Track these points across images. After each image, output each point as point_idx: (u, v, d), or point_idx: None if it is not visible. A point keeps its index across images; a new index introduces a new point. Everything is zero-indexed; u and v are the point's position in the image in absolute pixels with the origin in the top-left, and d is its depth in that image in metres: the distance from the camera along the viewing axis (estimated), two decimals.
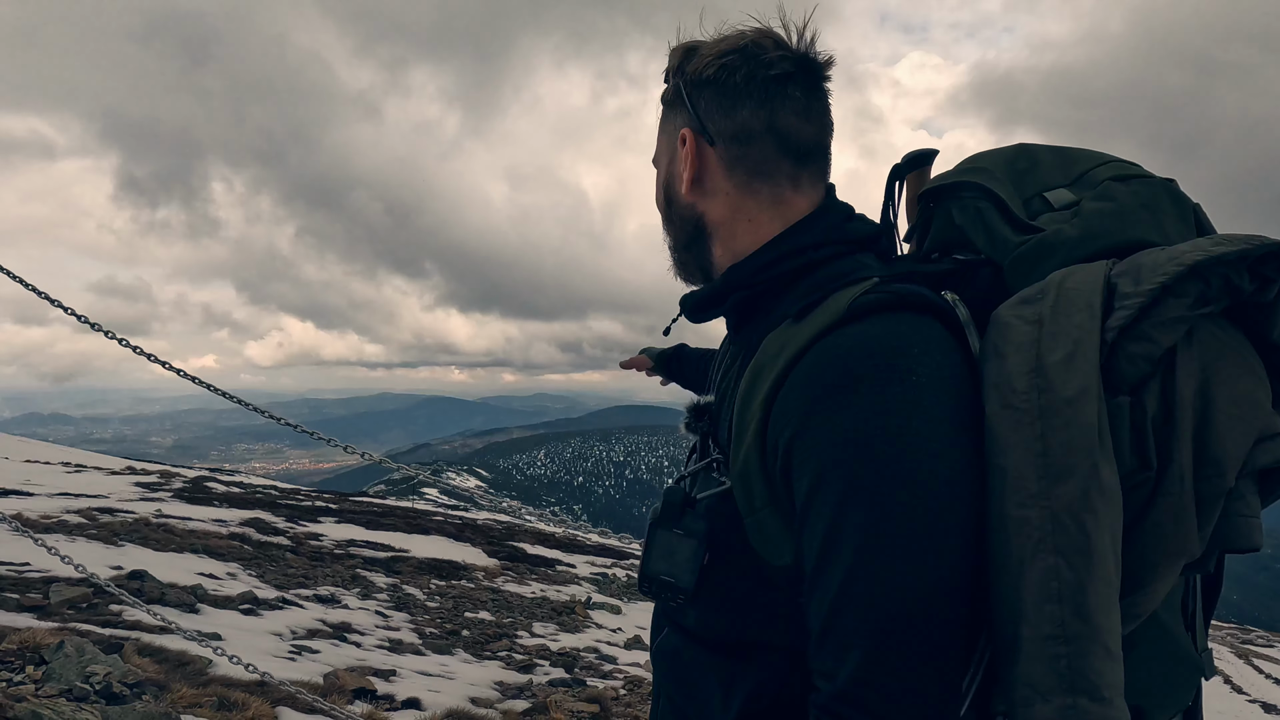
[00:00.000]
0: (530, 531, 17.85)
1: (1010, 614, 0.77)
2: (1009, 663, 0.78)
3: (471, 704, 5.54)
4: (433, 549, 13.26)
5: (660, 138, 1.10)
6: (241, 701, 4.22)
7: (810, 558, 0.82)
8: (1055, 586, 0.75)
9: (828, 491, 0.80)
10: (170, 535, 10.21)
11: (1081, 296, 0.81)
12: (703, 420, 1.02)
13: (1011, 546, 0.77)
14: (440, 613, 9.08)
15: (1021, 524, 0.76)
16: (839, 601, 0.78)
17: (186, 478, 18.09)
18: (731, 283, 1.01)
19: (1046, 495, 0.76)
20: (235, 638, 5.93)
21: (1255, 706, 13.30)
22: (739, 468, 0.90)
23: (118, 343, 2.88)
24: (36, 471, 16.46)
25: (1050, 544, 0.75)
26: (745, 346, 0.99)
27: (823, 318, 0.86)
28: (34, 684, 3.79)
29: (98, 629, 5.28)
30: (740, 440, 0.90)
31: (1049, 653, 0.75)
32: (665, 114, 1.09)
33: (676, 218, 1.08)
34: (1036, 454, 0.77)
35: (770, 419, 0.86)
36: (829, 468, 0.80)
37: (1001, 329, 0.84)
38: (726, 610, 0.95)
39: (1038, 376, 0.79)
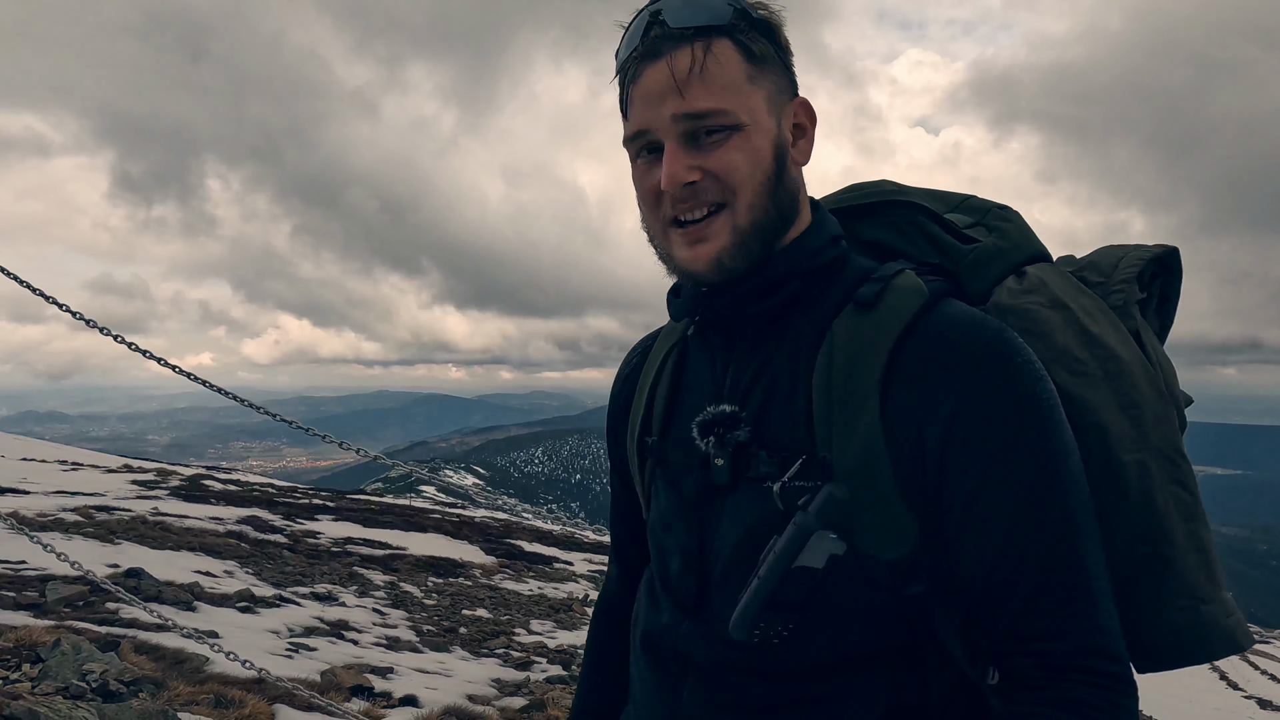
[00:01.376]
0: (528, 529, 17.86)
1: (1151, 541, 0.89)
2: (1160, 581, 0.90)
3: (469, 701, 5.54)
4: (430, 547, 13.25)
5: (750, 92, 0.91)
6: (239, 699, 4.22)
7: (1000, 521, 0.84)
8: (1185, 509, 0.90)
9: (1020, 453, 0.84)
10: (167, 533, 10.21)
11: (1071, 284, 0.97)
12: (737, 429, 0.93)
13: (1131, 486, 0.89)
14: (437, 610, 9.08)
15: (1138, 466, 0.89)
16: (1062, 560, 0.83)
17: (184, 476, 18.06)
18: (791, 267, 0.95)
19: (1147, 440, 0.90)
20: (232, 635, 5.92)
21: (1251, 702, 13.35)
22: (855, 459, 0.86)
23: (114, 340, 2.87)
24: (33, 470, 16.43)
25: (1169, 476, 0.90)
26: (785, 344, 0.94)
27: (907, 301, 0.90)
28: (30, 682, 3.79)
29: (94, 627, 5.27)
30: (851, 431, 0.86)
31: (1200, 561, 0.90)
32: (755, 67, 0.92)
33: (784, 192, 0.94)
34: (1125, 407, 0.90)
35: (895, 404, 0.86)
36: (1021, 429, 0.84)
37: (1022, 315, 0.94)
38: (826, 623, 0.88)
39: (1095, 346, 0.91)
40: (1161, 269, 1.04)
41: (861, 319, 0.90)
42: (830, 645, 0.89)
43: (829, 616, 0.88)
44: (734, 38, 0.90)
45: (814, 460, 0.88)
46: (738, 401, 0.96)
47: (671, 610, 1.01)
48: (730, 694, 0.94)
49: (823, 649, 0.89)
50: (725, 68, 0.89)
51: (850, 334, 0.90)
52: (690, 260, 0.93)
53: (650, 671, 1.04)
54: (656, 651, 1.03)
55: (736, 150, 0.90)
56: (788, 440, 0.91)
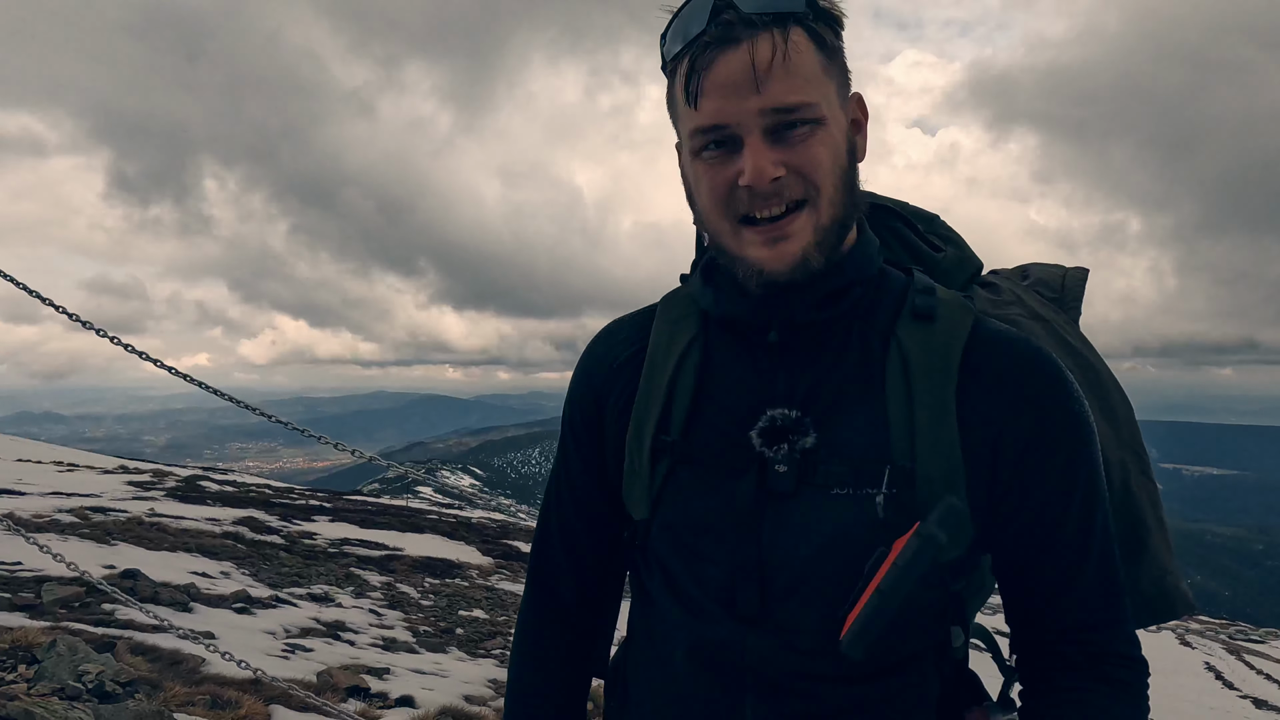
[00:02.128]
0: (525, 530, 17.84)
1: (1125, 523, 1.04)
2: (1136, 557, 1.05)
3: (465, 702, 5.54)
4: (427, 547, 13.24)
5: (824, 86, 0.87)
6: (235, 699, 4.21)
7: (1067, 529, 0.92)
8: (1152, 497, 1.07)
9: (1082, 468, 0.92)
10: (163, 534, 10.19)
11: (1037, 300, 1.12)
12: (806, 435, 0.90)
13: (1115, 480, 1.02)
14: (434, 611, 9.07)
15: (1120, 465, 1.04)
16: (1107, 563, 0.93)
17: (180, 476, 18.03)
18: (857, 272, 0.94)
19: (1122, 440, 1.05)
20: (229, 636, 5.91)
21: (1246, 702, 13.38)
22: (939, 465, 0.88)
23: (110, 341, 2.87)
24: (29, 471, 16.39)
25: (1139, 469, 1.06)
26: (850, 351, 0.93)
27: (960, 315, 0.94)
28: (26, 683, 3.78)
29: (90, 628, 5.26)
30: (936, 440, 0.88)
31: (1162, 539, 1.06)
32: (827, 61, 0.88)
33: (855, 187, 0.92)
34: (1105, 411, 1.04)
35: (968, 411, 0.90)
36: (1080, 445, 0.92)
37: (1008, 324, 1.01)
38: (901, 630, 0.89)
39: (1076, 357, 1.05)
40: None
41: (925, 330, 0.93)
42: (898, 647, 0.92)
43: (904, 620, 0.87)
44: (807, 26, 0.85)
45: (896, 469, 0.87)
46: (798, 406, 0.91)
47: (730, 621, 0.93)
48: (800, 702, 0.91)
49: (891, 650, 0.91)
50: (804, 58, 0.85)
51: (920, 345, 0.91)
52: (769, 259, 0.88)
53: (702, 688, 0.96)
54: (714, 666, 0.95)
55: (820, 145, 0.86)
56: (861, 448, 0.88)
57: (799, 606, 0.90)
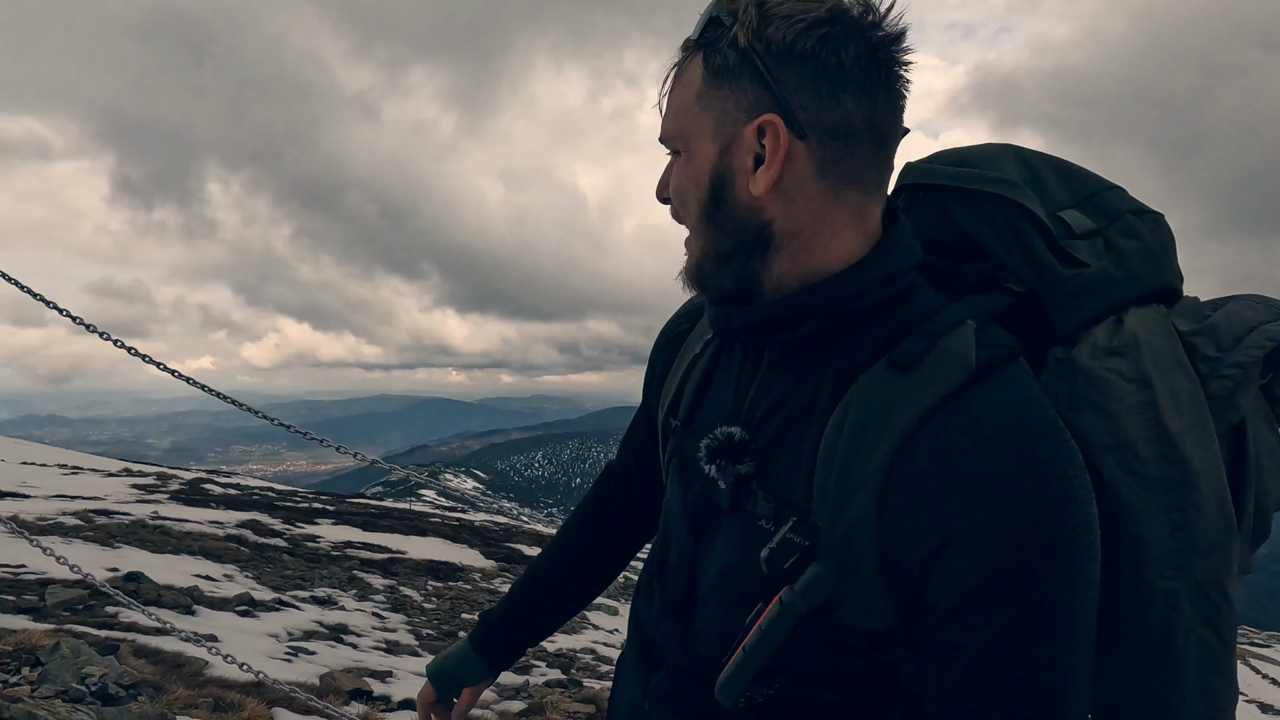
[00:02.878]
0: (528, 533, 17.83)
1: (1157, 679, 0.79)
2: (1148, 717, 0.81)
3: None
4: (430, 550, 13.24)
5: (696, 114, 0.84)
6: (238, 702, 4.21)
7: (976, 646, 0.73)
8: (1209, 659, 0.78)
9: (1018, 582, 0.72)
10: (167, 537, 10.20)
11: (1169, 355, 0.82)
12: (741, 461, 0.88)
13: (1154, 615, 0.78)
14: (437, 614, 9.07)
15: (1169, 595, 0.77)
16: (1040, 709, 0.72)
17: (183, 479, 18.05)
18: (811, 308, 0.83)
19: (1189, 569, 0.77)
20: (232, 639, 5.92)
21: (1253, 707, 13.32)
22: (843, 534, 0.78)
23: (113, 345, 2.87)
24: (33, 473, 16.42)
25: (1201, 617, 0.78)
26: (808, 381, 0.86)
27: (946, 373, 0.77)
28: (30, 685, 3.78)
29: (93, 630, 5.27)
30: (844, 504, 0.78)
31: (1207, 719, 0.79)
32: (712, 84, 0.82)
33: (727, 221, 0.84)
34: (1176, 525, 0.77)
35: (897, 487, 0.76)
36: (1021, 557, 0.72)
37: (1094, 382, 0.81)
38: (800, 682, 0.86)
39: (1164, 445, 0.78)
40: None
41: (892, 382, 0.79)
42: (797, 698, 0.87)
43: (804, 675, 0.85)
44: (706, 51, 0.83)
45: (805, 523, 0.81)
46: (751, 429, 0.89)
47: (660, 605, 1.02)
48: (693, 699, 0.94)
49: (790, 701, 0.87)
50: (685, 89, 0.85)
51: (873, 399, 0.79)
52: None
53: (635, 651, 1.08)
54: (642, 635, 1.05)
55: (678, 174, 0.88)
56: (787, 490, 0.84)
57: (707, 615, 0.93)
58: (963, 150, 0.98)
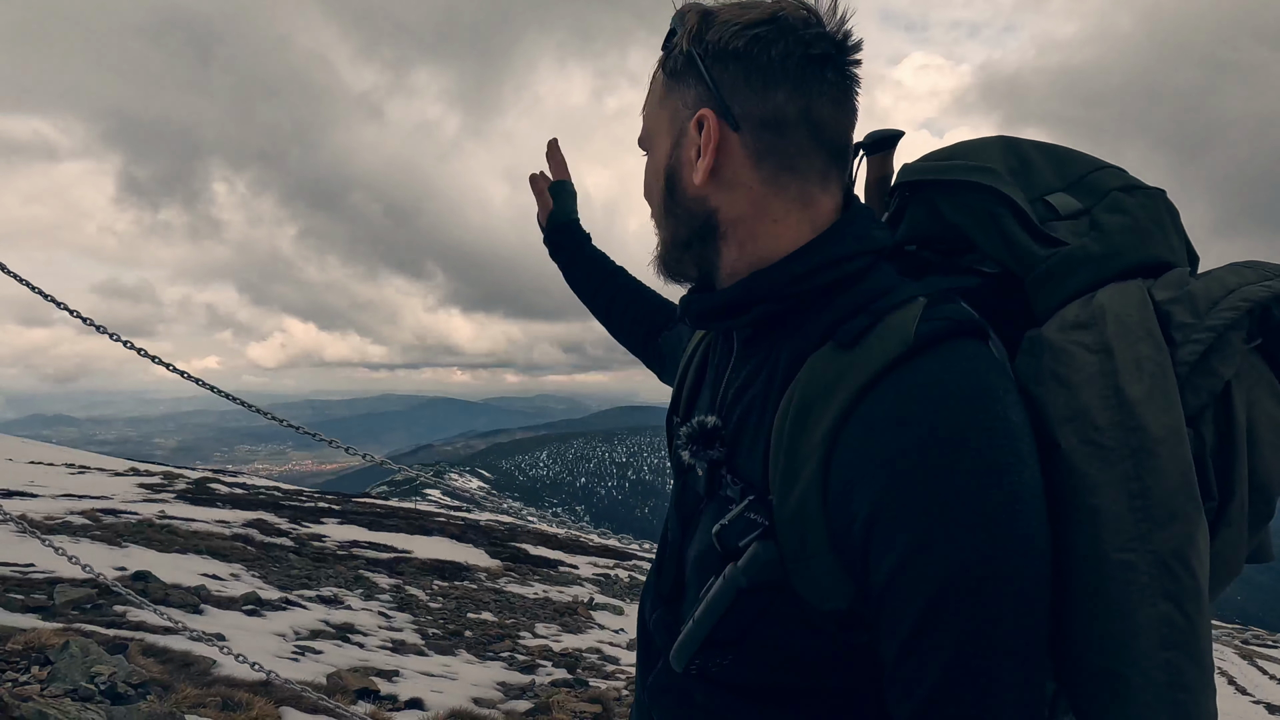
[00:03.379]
0: (532, 532, 17.86)
1: (1113, 656, 0.76)
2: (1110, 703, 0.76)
3: (474, 704, 5.55)
4: (435, 550, 13.27)
5: (658, 114, 0.93)
6: (246, 701, 4.23)
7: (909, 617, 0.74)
8: (1169, 634, 0.73)
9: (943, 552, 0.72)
10: (174, 536, 10.24)
11: (1138, 324, 0.79)
12: (713, 447, 0.90)
13: (1112, 589, 0.75)
14: (443, 613, 9.08)
15: (1125, 568, 0.74)
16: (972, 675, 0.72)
17: (190, 479, 18.12)
18: (757, 293, 0.88)
19: (1148, 538, 0.74)
20: (239, 638, 5.94)
21: (1259, 708, 13.28)
22: (791, 511, 0.80)
23: (121, 345, 2.89)
24: (41, 473, 16.50)
25: (1160, 589, 0.73)
26: (767, 365, 0.89)
27: (885, 347, 0.78)
28: (39, 684, 3.80)
29: (102, 630, 5.30)
30: (791, 481, 0.80)
31: (1170, 699, 0.74)
32: (668, 87, 0.91)
33: (679, 210, 0.92)
34: (1134, 495, 0.74)
35: (836, 461, 0.77)
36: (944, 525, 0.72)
37: (1058, 354, 0.81)
38: (762, 658, 0.86)
39: (1122, 413, 0.76)
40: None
41: (835, 360, 0.80)
42: (767, 674, 0.87)
43: (764, 652, 0.85)
44: (665, 57, 0.93)
45: (762, 502, 0.83)
46: (723, 415, 0.92)
47: (654, 595, 1.05)
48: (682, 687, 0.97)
49: (760, 676, 0.87)
50: (650, 94, 0.95)
51: (816, 376, 0.81)
52: None
53: (639, 643, 1.11)
54: (643, 631, 1.09)
55: (646, 171, 0.98)
56: (749, 472, 0.86)
57: (687, 603, 0.96)
58: (953, 146, 1.00)
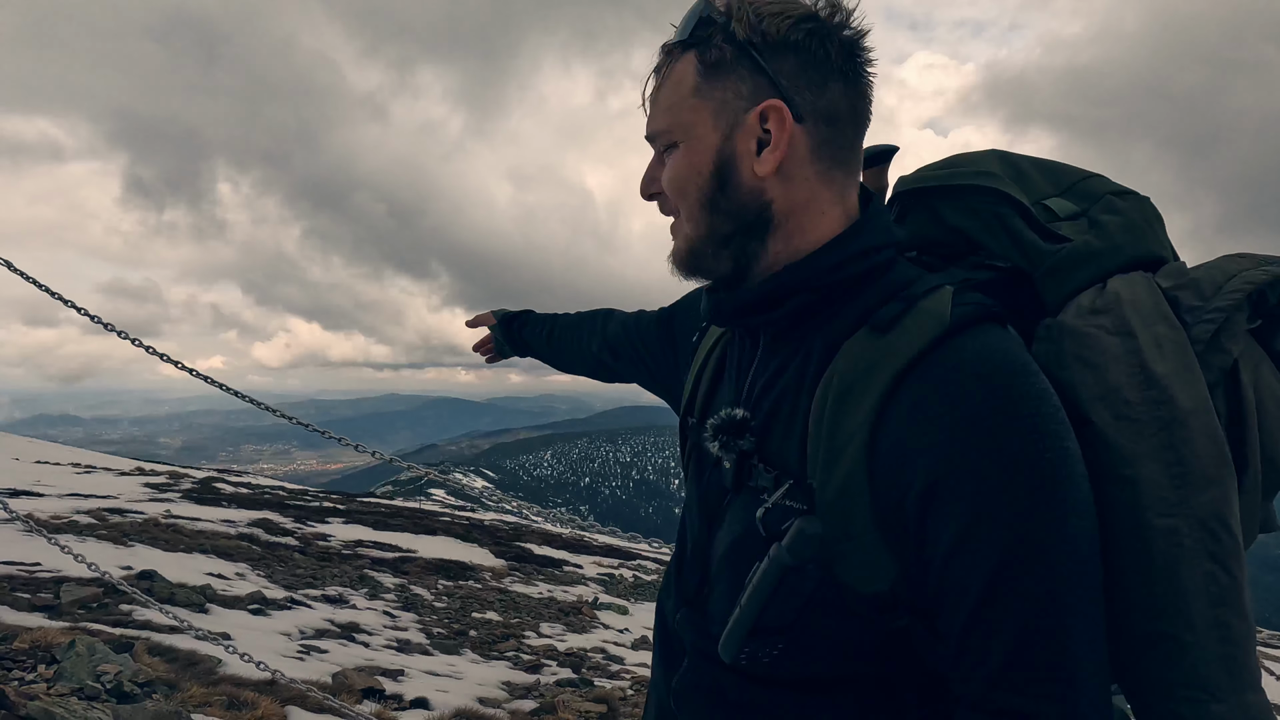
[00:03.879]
0: (537, 532, 17.87)
1: (1164, 619, 0.79)
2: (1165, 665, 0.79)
3: (479, 704, 5.55)
4: (440, 549, 13.28)
5: (694, 106, 0.90)
6: (251, 700, 4.24)
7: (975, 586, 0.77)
8: (1216, 592, 0.78)
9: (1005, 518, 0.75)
10: (179, 535, 10.26)
11: (1153, 308, 0.84)
12: (742, 437, 0.92)
13: (1157, 555, 0.78)
14: (448, 613, 9.09)
15: (1169, 533, 0.78)
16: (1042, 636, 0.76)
17: (195, 478, 18.15)
18: (792, 284, 0.90)
19: (1188, 503, 0.78)
20: (244, 637, 5.95)
21: None
22: (835, 492, 0.82)
23: (131, 344, 2.90)
24: (46, 472, 16.55)
25: (1204, 550, 0.78)
26: (798, 356, 0.91)
27: (923, 329, 0.82)
28: (46, 683, 3.82)
29: (108, 629, 5.31)
30: (834, 462, 0.82)
31: (1223, 654, 0.78)
32: (706, 78, 0.89)
33: (729, 203, 0.90)
34: (1169, 464, 0.78)
35: (883, 439, 0.80)
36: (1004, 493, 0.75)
37: (1080, 339, 0.85)
38: (809, 645, 0.87)
39: (1152, 388, 0.80)
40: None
41: (872, 343, 0.84)
42: (808, 665, 0.88)
43: (812, 640, 0.87)
44: (698, 48, 0.90)
45: (801, 486, 0.85)
46: (751, 407, 0.94)
47: (675, 595, 1.06)
48: (714, 685, 0.97)
49: (801, 668, 0.89)
50: (677, 85, 0.91)
51: (854, 360, 0.84)
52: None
53: (659, 645, 1.11)
54: (664, 628, 1.09)
55: (673, 166, 0.93)
56: (783, 458, 0.89)
57: (716, 599, 0.96)
58: (949, 158, 1.05)
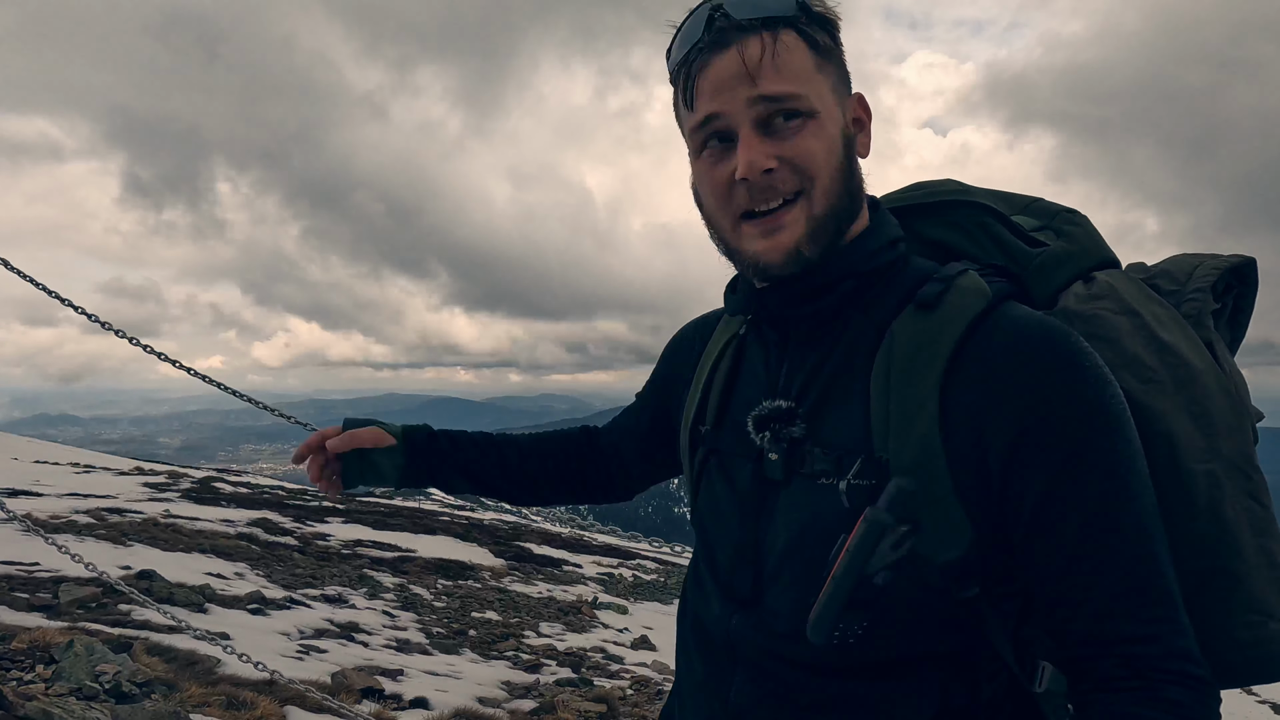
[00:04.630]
0: (536, 531, 17.87)
1: (1216, 555, 0.86)
2: (1224, 597, 0.86)
3: (479, 703, 5.54)
4: (439, 549, 13.27)
5: (819, 82, 0.91)
6: (250, 700, 4.23)
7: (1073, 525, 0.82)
8: (1257, 523, 0.87)
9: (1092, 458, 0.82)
10: (178, 535, 10.25)
11: (1141, 292, 0.95)
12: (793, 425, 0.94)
13: (1199, 496, 0.86)
14: (447, 612, 9.08)
15: (1208, 476, 0.86)
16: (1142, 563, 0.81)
17: (194, 478, 18.14)
18: (843, 269, 0.94)
19: (1218, 450, 0.87)
20: (243, 637, 5.94)
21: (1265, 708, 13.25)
22: (912, 457, 0.85)
23: (130, 343, 2.88)
24: (46, 472, 16.53)
25: (1240, 489, 0.87)
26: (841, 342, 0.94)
27: (968, 302, 0.88)
28: (44, 683, 3.81)
29: (107, 628, 5.30)
30: (907, 430, 0.85)
31: (1271, 578, 0.87)
32: (817, 60, 0.91)
33: (852, 181, 0.94)
34: (1196, 416, 0.88)
35: (955, 401, 0.85)
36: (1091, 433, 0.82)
37: (1088, 320, 0.93)
38: (893, 619, 0.88)
39: (1167, 354, 0.89)
40: (1237, 280, 1.01)
41: (922, 319, 0.89)
42: (888, 646, 0.88)
43: (891, 617, 0.87)
44: (798, 28, 0.90)
45: (871, 460, 0.87)
46: (793, 398, 0.96)
47: (721, 601, 1.01)
48: (781, 687, 0.94)
49: (881, 649, 0.89)
50: (795, 55, 0.89)
51: (910, 335, 0.89)
52: (765, 252, 0.92)
53: (701, 662, 1.05)
54: (708, 641, 1.03)
55: (813, 136, 0.89)
56: (844, 439, 0.90)
57: (781, 592, 0.94)
58: (914, 184, 1.13)
